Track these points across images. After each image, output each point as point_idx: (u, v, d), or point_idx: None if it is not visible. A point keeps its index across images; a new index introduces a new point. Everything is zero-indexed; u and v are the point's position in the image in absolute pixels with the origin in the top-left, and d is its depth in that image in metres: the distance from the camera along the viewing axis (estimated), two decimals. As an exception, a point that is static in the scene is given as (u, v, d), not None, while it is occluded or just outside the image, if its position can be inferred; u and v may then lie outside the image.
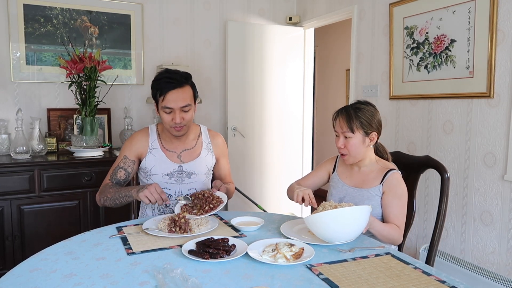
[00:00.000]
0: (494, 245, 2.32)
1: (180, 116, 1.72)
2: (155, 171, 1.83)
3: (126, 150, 1.86)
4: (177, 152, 1.86)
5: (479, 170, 2.38)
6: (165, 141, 1.86)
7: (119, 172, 1.83)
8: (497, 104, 2.27)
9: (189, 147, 1.88)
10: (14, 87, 3.00)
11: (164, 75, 1.75)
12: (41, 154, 2.84)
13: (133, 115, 3.35)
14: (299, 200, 1.56)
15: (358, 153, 1.65)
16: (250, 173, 3.83)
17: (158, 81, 1.74)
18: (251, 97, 3.78)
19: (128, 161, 1.84)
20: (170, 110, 1.72)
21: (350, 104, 1.71)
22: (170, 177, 1.83)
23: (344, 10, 3.40)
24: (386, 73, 2.99)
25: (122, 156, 1.85)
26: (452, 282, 1.10)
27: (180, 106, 1.72)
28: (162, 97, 1.71)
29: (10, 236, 2.54)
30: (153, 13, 3.41)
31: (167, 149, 1.85)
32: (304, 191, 1.55)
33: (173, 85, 1.71)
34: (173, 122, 1.73)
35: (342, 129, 1.64)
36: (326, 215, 1.32)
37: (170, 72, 1.77)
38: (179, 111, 1.72)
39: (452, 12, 2.46)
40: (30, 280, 1.11)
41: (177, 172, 1.83)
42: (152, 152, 1.84)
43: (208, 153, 1.91)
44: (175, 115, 1.72)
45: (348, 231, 1.35)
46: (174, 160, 1.84)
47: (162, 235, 1.44)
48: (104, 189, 1.79)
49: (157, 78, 1.76)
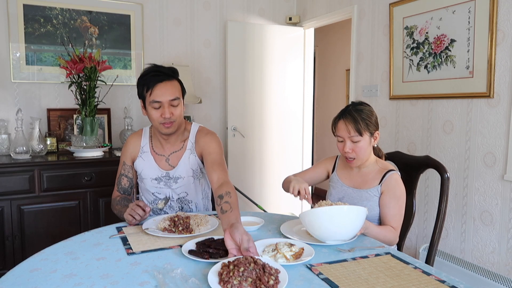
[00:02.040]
0: (494, 245, 2.32)
1: (169, 110, 1.67)
2: (144, 175, 1.82)
3: (123, 156, 1.86)
4: (165, 156, 1.82)
5: (479, 170, 2.38)
6: (155, 144, 1.83)
7: (122, 180, 1.84)
8: (497, 104, 2.27)
9: (177, 149, 1.83)
10: (14, 87, 3.00)
11: (150, 69, 1.70)
12: (41, 154, 2.84)
13: (133, 115, 3.35)
14: (294, 193, 1.53)
15: (366, 155, 1.64)
16: (250, 173, 3.83)
17: (144, 77, 1.69)
18: (251, 97, 3.78)
19: (127, 167, 1.84)
20: (159, 105, 1.66)
21: (348, 107, 1.67)
22: (159, 182, 1.82)
23: (344, 10, 3.40)
24: (386, 73, 2.99)
25: (122, 162, 1.86)
26: (452, 282, 1.10)
27: (169, 99, 1.67)
28: (150, 91, 1.66)
29: (10, 236, 2.54)
30: (153, 13, 3.41)
31: (157, 153, 1.82)
32: (301, 185, 1.53)
33: (160, 77, 1.66)
34: (162, 118, 1.67)
35: (349, 134, 1.60)
36: (322, 212, 1.32)
37: (157, 66, 1.73)
38: (168, 105, 1.67)
39: (452, 12, 2.46)
40: (30, 280, 1.11)
41: (164, 177, 1.81)
42: (142, 155, 1.82)
43: (190, 154, 1.83)
44: (164, 109, 1.66)
45: (342, 231, 1.34)
46: (162, 165, 1.81)
47: (162, 235, 1.44)
48: (113, 203, 1.81)
49: (143, 74, 1.71)
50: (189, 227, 1.48)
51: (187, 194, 1.86)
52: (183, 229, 1.47)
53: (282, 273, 1.07)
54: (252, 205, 3.60)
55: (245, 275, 1.02)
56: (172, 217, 1.53)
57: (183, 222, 1.49)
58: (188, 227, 1.48)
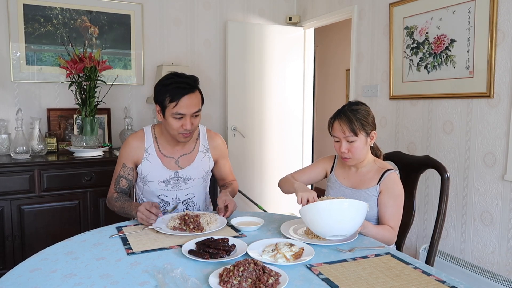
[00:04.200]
0: (494, 245, 2.32)
1: (190, 122, 1.66)
2: (151, 178, 1.78)
3: (123, 158, 1.80)
4: (175, 158, 1.79)
5: (479, 170, 2.38)
6: (163, 146, 1.79)
7: (121, 182, 1.80)
8: (497, 104, 2.27)
9: (188, 151, 1.82)
10: (14, 87, 3.00)
11: (174, 79, 1.66)
12: (41, 154, 2.84)
13: (133, 115, 3.35)
14: (303, 203, 1.49)
15: (362, 154, 1.64)
16: (250, 173, 3.83)
17: (167, 86, 1.64)
18: (251, 97, 3.78)
19: (128, 169, 1.79)
20: (181, 116, 1.64)
21: (344, 107, 1.67)
22: (167, 184, 1.79)
23: (344, 10, 3.40)
24: (386, 73, 2.99)
25: (121, 164, 1.80)
26: (452, 282, 1.10)
27: (193, 112, 1.66)
28: (175, 103, 1.62)
29: (10, 236, 2.54)
30: (153, 13, 3.41)
31: (164, 155, 1.78)
32: (309, 194, 1.49)
33: (186, 90, 1.64)
34: (182, 129, 1.66)
35: (344, 134, 1.61)
36: (322, 206, 1.32)
37: (180, 76, 1.69)
38: (190, 117, 1.66)
39: (452, 12, 2.46)
40: (30, 280, 1.11)
41: (173, 178, 1.78)
42: (148, 158, 1.77)
43: (205, 156, 1.84)
44: (185, 121, 1.65)
45: (343, 226, 1.33)
46: (170, 166, 1.78)
47: (172, 233, 1.45)
48: (111, 200, 1.78)
49: (165, 83, 1.66)
50: (200, 225, 1.49)
51: (194, 196, 1.86)
52: (194, 228, 1.48)
53: (282, 275, 1.09)
54: (252, 205, 3.60)
55: (245, 276, 1.04)
56: (181, 215, 1.54)
57: (193, 221, 1.50)
58: (199, 225, 1.49)
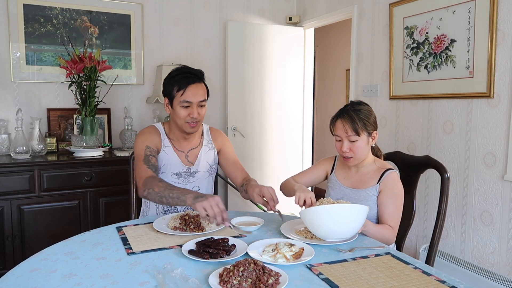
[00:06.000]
0: (494, 245, 2.31)
1: (197, 111, 1.75)
2: (165, 170, 1.83)
3: (146, 141, 1.78)
4: (184, 152, 1.88)
5: (479, 170, 2.38)
6: (174, 141, 1.87)
7: (151, 159, 1.73)
8: (497, 104, 2.27)
9: (194, 146, 1.90)
10: (14, 87, 3.00)
11: (182, 70, 1.78)
12: (41, 154, 2.84)
13: (133, 115, 3.34)
14: (300, 203, 1.50)
15: (363, 154, 1.65)
16: (250, 173, 3.78)
17: (175, 77, 1.76)
18: (251, 97, 3.77)
19: (153, 150, 1.77)
20: (188, 104, 1.74)
21: (347, 106, 1.67)
22: (179, 177, 1.85)
23: (344, 10, 3.39)
24: (386, 73, 2.99)
25: (144, 146, 1.76)
26: (452, 282, 1.10)
27: (199, 100, 1.76)
28: (182, 91, 1.73)
29: (10, 236, 2.54)
30: (153, 13, 3.41)
31: (177, 149, 1.87)
32: (307, 194, 1.50)
33: (192, 79, 1.76)
34: (189, 117, 1.75)
35: (346, 133, 1.61)
36: (323, 210, 1.32)
37: (187, 68, 1.81)
38: (197, 105, 1.76)
39: (452, 12, 2.46)
40: (30, 280, 1.11)
41: (185, 172, 1.85)
42: (165, 150, 1.84)
43: (209, 150, 1.93)
44: (192, 109, 1.74)
45: (343, 229, 1.34)
46: (183, 160, 1.86)
47: (172, 233, 1.45)
48: (152, 180, 1.62)
49: (172, 74, 1.78)
50: (200, 225, 1.49)
51: (199, 189, 1.89)
52: (195, 227, 1.48)
53: (282, 275, 1.09)
54: (252, 205, 3.60)
55: (245, 276, 1.04)
56: (182, 215, 1.54)
57: (194, 221, 1.50)
58: (200, 225, 1.49)
